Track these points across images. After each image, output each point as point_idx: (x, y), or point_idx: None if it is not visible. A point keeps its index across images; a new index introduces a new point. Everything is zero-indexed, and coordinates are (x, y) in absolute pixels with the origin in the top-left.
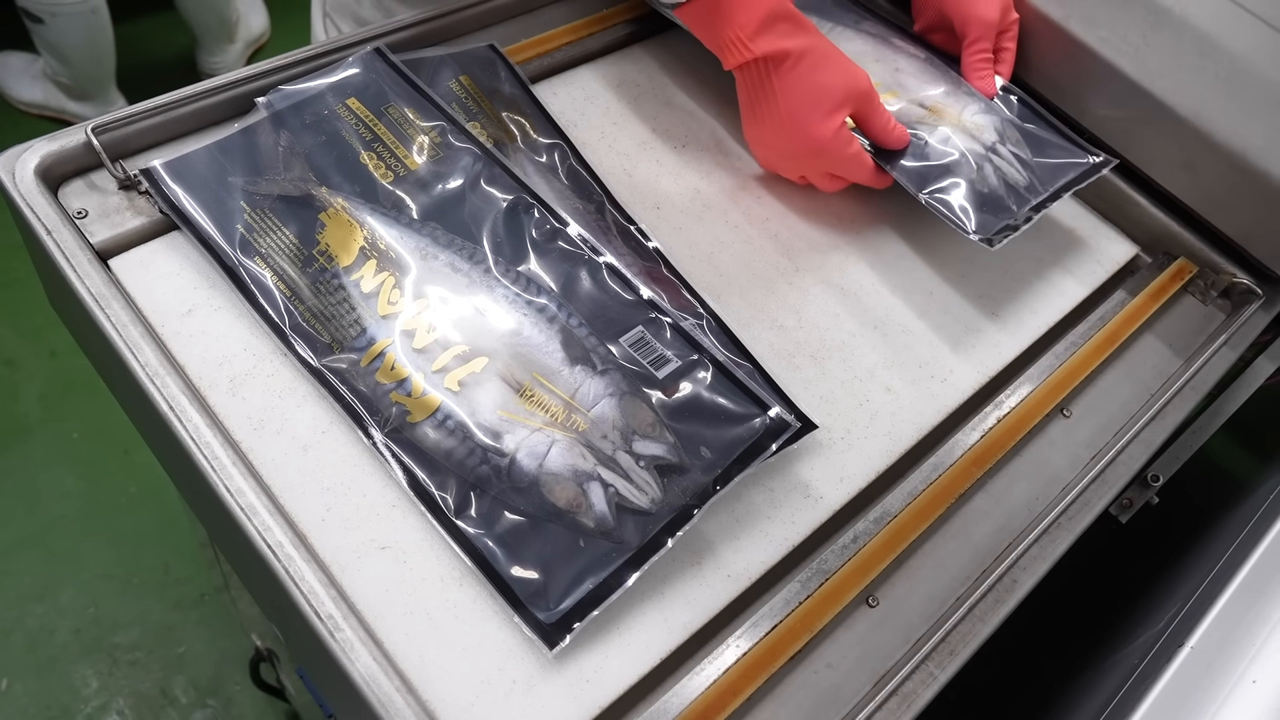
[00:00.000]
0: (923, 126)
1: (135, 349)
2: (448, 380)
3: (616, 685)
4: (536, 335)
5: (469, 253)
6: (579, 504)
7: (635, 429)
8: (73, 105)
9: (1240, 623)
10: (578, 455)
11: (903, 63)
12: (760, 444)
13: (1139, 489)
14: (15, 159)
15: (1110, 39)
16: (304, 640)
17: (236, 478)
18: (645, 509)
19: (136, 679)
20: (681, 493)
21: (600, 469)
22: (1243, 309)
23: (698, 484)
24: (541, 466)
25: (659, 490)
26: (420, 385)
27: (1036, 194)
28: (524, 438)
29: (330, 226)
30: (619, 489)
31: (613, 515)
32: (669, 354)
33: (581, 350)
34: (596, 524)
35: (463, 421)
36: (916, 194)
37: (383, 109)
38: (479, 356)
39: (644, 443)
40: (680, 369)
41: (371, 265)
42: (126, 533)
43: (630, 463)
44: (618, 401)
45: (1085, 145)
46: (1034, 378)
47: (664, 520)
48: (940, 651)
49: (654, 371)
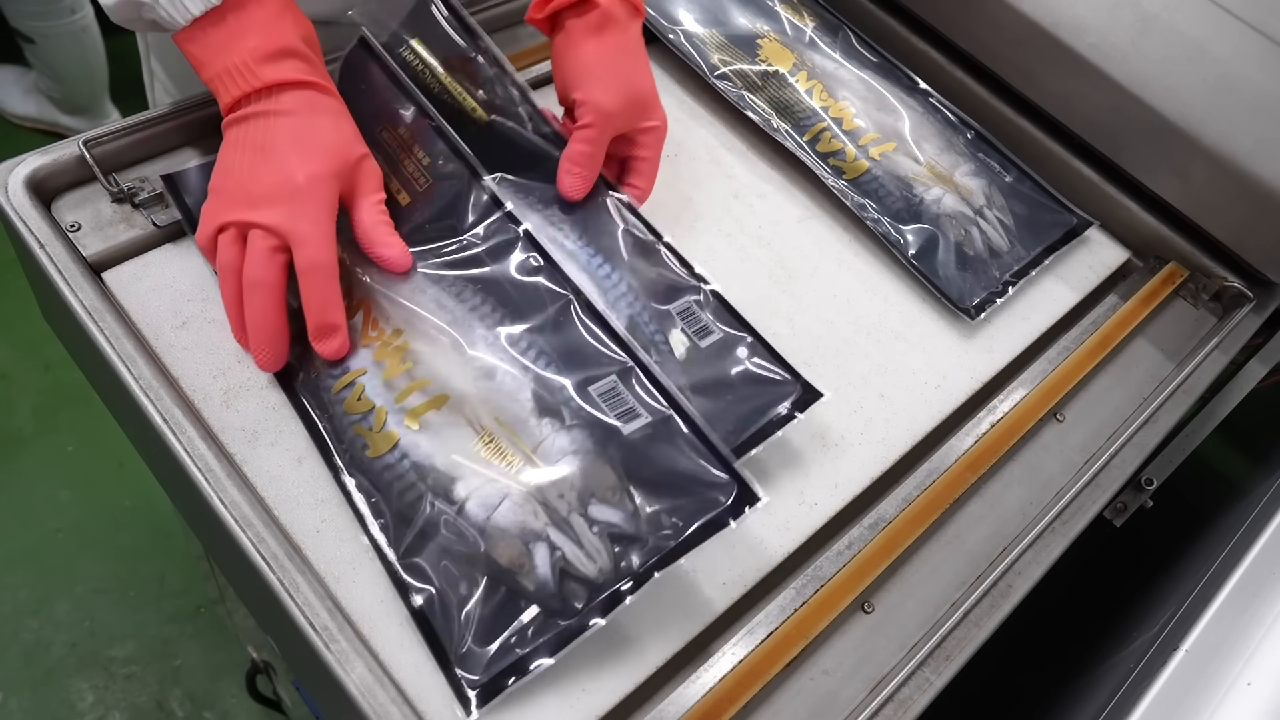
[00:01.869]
0: (918, 184)
1: (129, 362)
2: (408, 417)
3: (613, 694)
4: (508, 382)
5: (455, 290)
6: (521, 564)
7: (594, 492)
8: (65, 119)
9: (1235, 625)
10: (530, 513)
11: (903, 113)
12: (720, 519)
13: (1133, 493)
14: (8, 173)
15: (1099, 45)
16: (300, 652)
17: (231, 490)
18: (591, 578)
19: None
20: (630, 565)
21: (551, 529)
22: (1234, 312)
23: (648, 557)
24: (490, 519)
25: (608, 560)
26: (382, 419)
27: (1019, 259)
28: (477, 486)
29: None
30: (566, 553)
31: (554, 581)
32: (640, 408)
33: (552, 402)
34: (536, 588)
35: (417, 462)
36: None
37: (377, 133)
38: (445, 394)
39: (601, 508)
40: (649, 425)
41: (349, 291)
42: (122, 546)
43: (583, 526)
44: (581, 460)
45: (1068, 205)
46: (1027, 383)
47: (606, 592)
48: (936, 657)
49: (622, 426)
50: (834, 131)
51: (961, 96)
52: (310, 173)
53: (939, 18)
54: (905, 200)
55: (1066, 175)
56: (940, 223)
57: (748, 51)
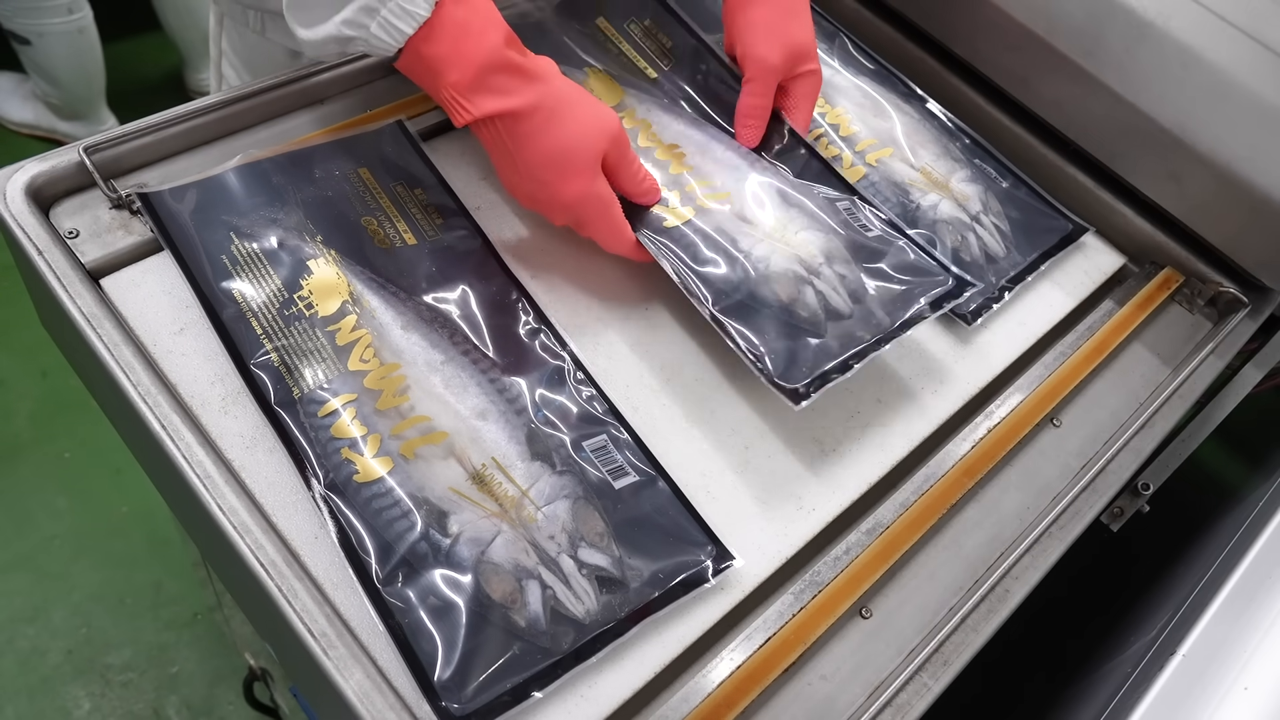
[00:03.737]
0: (914, 190)
1: (127, 368)
2: (403, 447)
3: (612, 700)
4: (502, 423)
5: (450, 332)
6: (514, 600)
7: (584, 535)
8: (63, 125)
9: (1232, 629)
10: (521, 550)
11: (898, 120)
12: (699, 576)
13: (1130, 497)
14: (6, 180)
15: (1094, 52)
16: (297, 658)
17: (229, 496)
18: (579, 618)
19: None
20: (615, 608)
21: (541, 569)
22: (1229, 317)
23: (632, 604)
24: (483, 555)
25: (595, 602)
26: (375, 447)
27: (1015, 265)
28: (470, 521)
29: (317, 275)
30: (556, 592)
31: (546, 618)
32: (628, 467)
33: (544, 447)
34: (528, 624)
35: (411, 492)
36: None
37: (392, 185)
38: (440, 431)
39: (590, 551)
40: (636, 484)
41: (351, 320)
42: (118, 553)
43: (573, 568)
44: (571, 504)
45: (1064, 211)
46: (1024, 388)
47: (593, 633)
48: (934, 662)
49: (612, 481)
50: (831, 137)
51: (958, 103)
52: (575, 194)
53: (935, 25)
54: (902, 206)
55: (1062, 181)
56: (937, 228)
57: None
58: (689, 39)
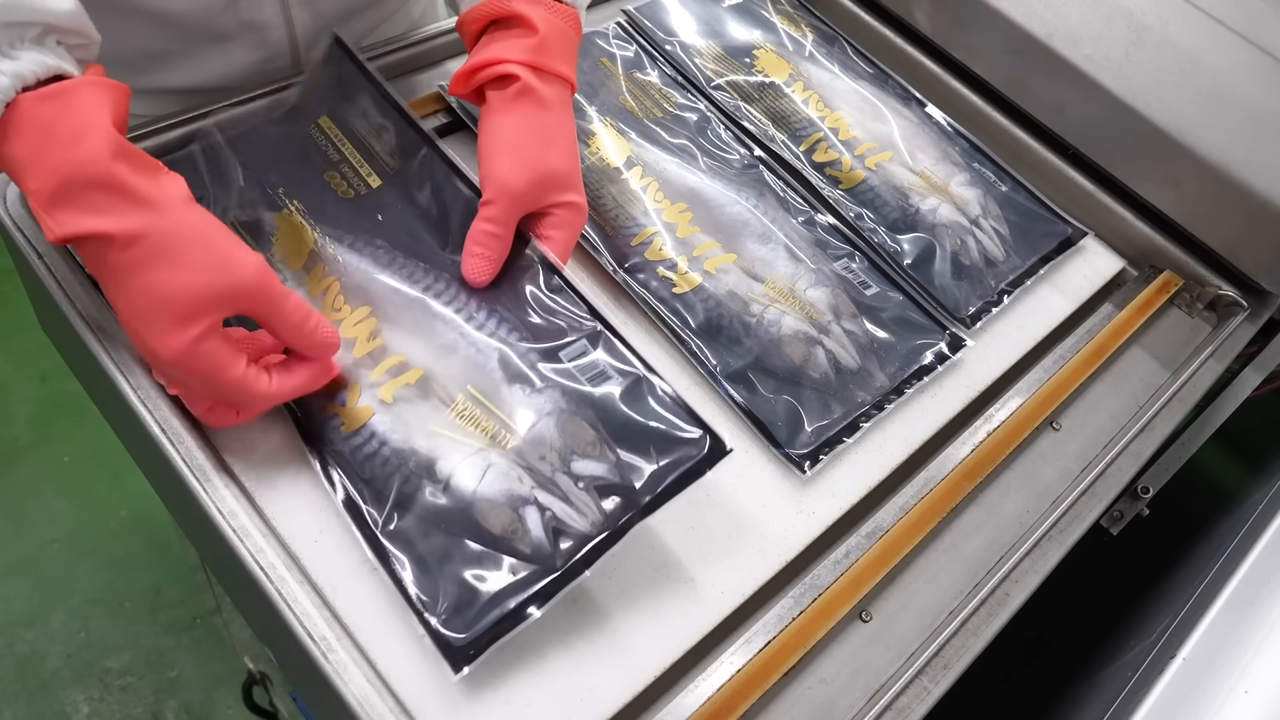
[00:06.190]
0: (914, 193)
1: (126, 371)
2: (382, 392)
3: (611, 703)
4: (474, 353)
5: (411, 271)
6: (514, 530)
7: (574, 449)
8: None
9: (1233, 632)
10: (514, 479)
11: (897, 124)
12: (697, 468)
13: (1129, 501)
14: (6, 183)
15: (1093, 56)
16: (297, 662)
17: (229, 499)
18: (585, 532)
19: (128, 704)
20: (619, 511)
21: (538, 492)
22: (1228, 321)
23: (635, 502)
24: (476, 491)
25: (598, 511)
26: (356, 395)
27: (1015, 269)
28: (460, 460)
29: (283, 230)
30: (556, 512)
31: (549, 541)
32: (610, 370)
33: (519, 369)
34: (533, 550)
35: (395, 435)
36: None
37: (349, 124)
38: (415, 369)
39: (584, 463)
40: (621, 387)
41: (319, 270)
42: (117, 556)
43: (569, 484)
44: (556, 420)
45: (1063, 215)
46: (1023, 391)
47: (595, 539)
48: (934, 666)
49: (592, 389)
50: (831, 141)
51: (957, 107)
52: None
53: (935, 30)
54: (901, 210)
55: (1061, 185)
56: (936, 232)
57: (744, 63)
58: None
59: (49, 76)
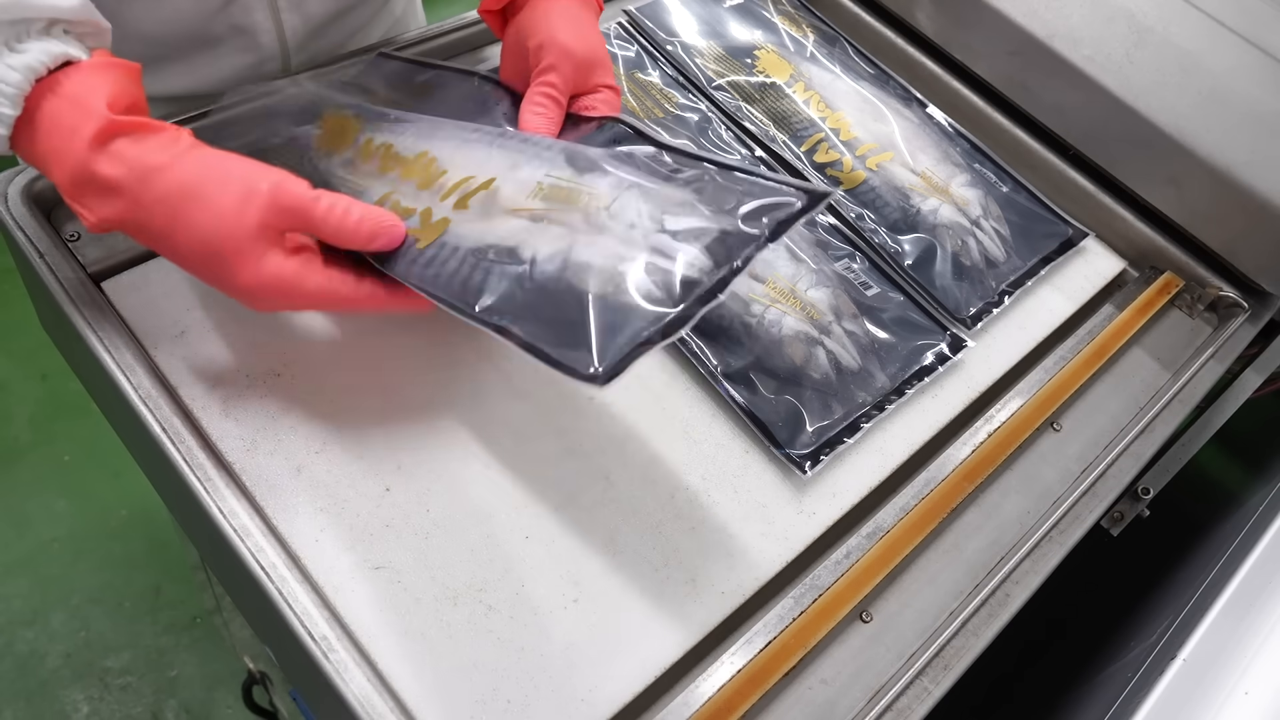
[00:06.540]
0: (915, 194)
1: (128, 371)
2: (456, 204)
3: (611, 704)
4: (545, 152)
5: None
6: (617, 287)
7: (664, 209)
8: None
9: (1233, 634)
10: (608, 254)
11: (898, 124)
12: (794, 215)
13: (1130, 502)
14: (7, 183)
15: (1094, 57)
16: (297, 662)
17: (230, 499)
18: (695, 279)
19: (128, 703)
20: (726, 253)
21: (630, 255)
22: (1229, 322)
23: (742, 247)
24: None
25: (707, 259)
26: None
27: (1015, 270)
28: (543, 244)
29: (326, 129)
30: (657, 263)
31: (663, 290)
32: (681, 168)
33: (590, 160)
34: (659, 295)
35: (474, 242)
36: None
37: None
38: (488, 178)
39: (676, 219)
40: (693, 178)
41: (369, 144)
42: (117, 556)
43: (667, 241)
44: (638, 190)
45: (1064, 216)
46: (1024, 392)
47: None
48: (934, 666)
49: (666, 171)
50: (832, 141)
51: (958, 108)
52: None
53: (936, 30)
54: (902, 210)
55: (1062, 186)
56: (937, 233)
57: (745, 63)
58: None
59: (59, 64)
